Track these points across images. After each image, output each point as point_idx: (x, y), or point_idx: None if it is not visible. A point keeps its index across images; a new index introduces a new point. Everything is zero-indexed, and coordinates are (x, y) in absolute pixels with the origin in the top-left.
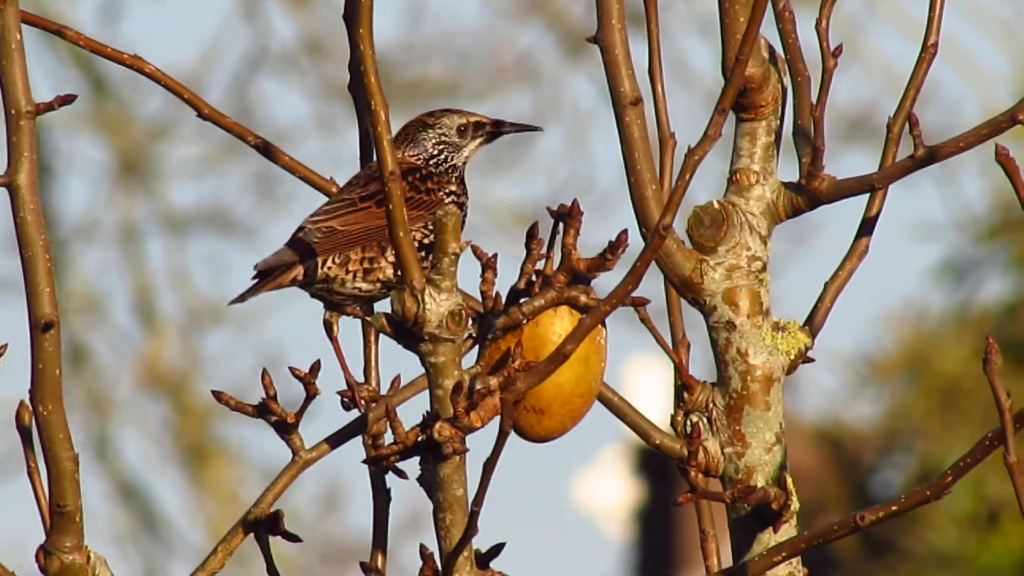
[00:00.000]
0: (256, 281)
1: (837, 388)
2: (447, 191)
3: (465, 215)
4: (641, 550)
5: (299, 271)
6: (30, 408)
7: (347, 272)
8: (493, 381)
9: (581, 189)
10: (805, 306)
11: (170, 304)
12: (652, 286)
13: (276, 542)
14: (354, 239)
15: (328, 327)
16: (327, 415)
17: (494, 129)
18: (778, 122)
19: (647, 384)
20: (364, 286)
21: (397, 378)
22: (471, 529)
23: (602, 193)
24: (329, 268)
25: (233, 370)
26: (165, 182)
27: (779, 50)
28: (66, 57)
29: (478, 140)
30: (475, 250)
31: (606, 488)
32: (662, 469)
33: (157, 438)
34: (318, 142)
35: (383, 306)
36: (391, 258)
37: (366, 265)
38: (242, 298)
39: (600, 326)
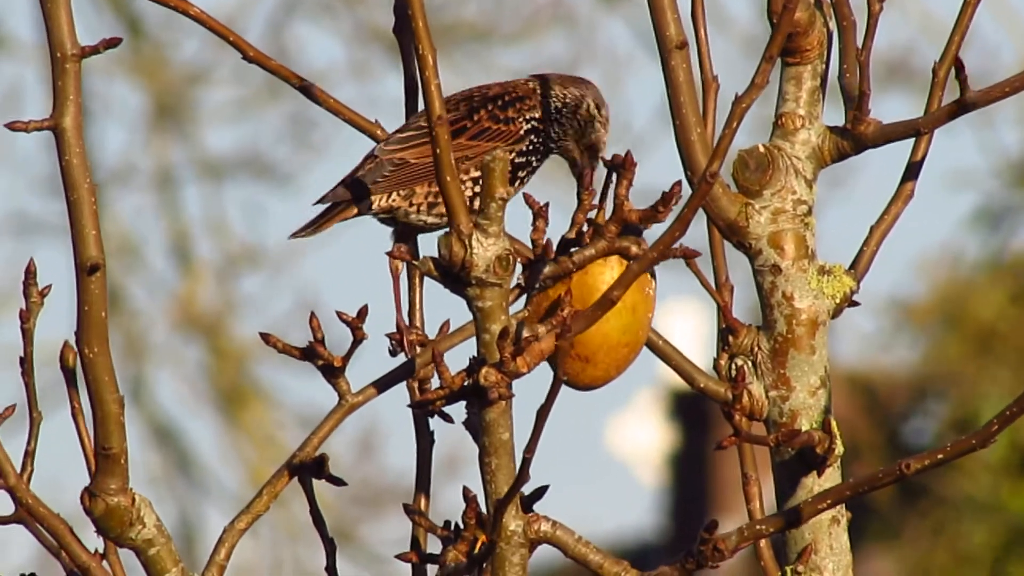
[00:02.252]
0: (321, 212)
1: (872, 334)
2: (528, 117)
3: (545, 146)
4: (675, 495)
5: (364, 204)
6: (73, 349)
7: (411, 205)
8: (541, 328)
9: (616, 133)
10: (842, 250)
11: (206, 248)
12: (696, 230)
13: (316, 485)
14: (423, 172)
15: (392, 268)
16: (365, 357)
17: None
18: (823, 66)
19: (682, 328)
20: (429, 219)
21: (446, 323)
22: (523, 475)
23: (637, 137)
24: (394, 200)
25: (269, 313)
26: (201, 126)
27: None
28: (102, 0)
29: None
30: (527, 198)
31: (640, 433)
32: (696, 414)
33: (192, 381)
34: (354, 87)
35: (430, 249)
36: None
37: (431, 199)
38: (305, 231)
39: (649, 277)
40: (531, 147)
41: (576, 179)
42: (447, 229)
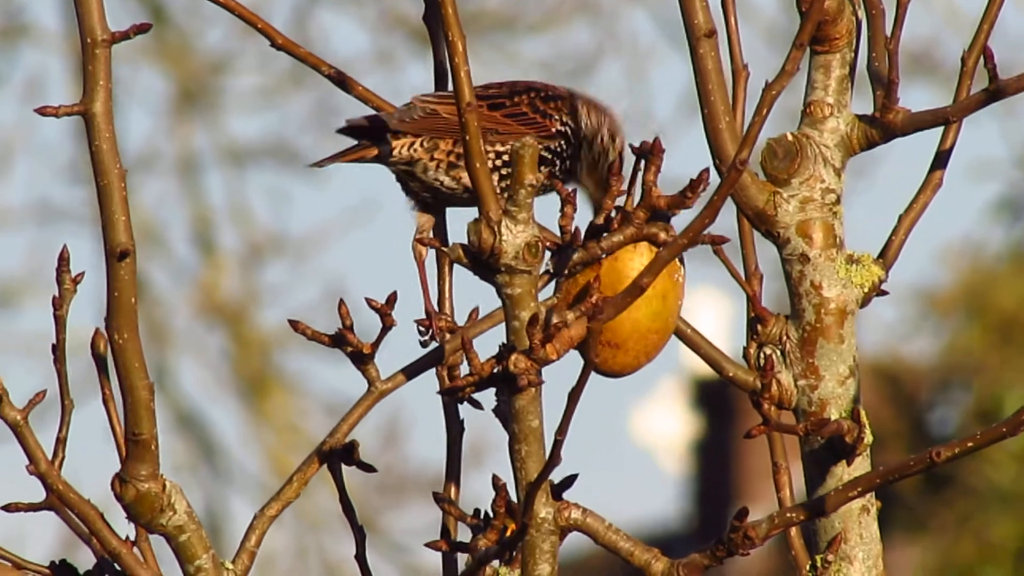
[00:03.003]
0: (343, 149)
1: (895, 324)
2: (563, 120)
3: (564, 160)
4: (698, 483)
5: (387, 145)
6: (104, 336)
7: (432, 159)
8: (570, 315)
9: (640, 122)
10: (866, 239)
11: (230, 236)
12: (725, 219)
13: (345, 471)
14: (451, 128)
15: (417, 255)
16: (393, 344)
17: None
18: (852, 55)
19: (708, 318)
20: (445, 180)
21: (475, 310)
22: (554, 459)
23: (661, 126)
24: (415, 149)
25: (292, 301)
26: (226, 113)
27: None
28: None
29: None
30: (555, 185)
31: (664, 421)
32: (720, 402)
33: (216, 369)
34: (379, 75)
35: (459, 236)
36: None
37: (452, 159)
38: (325, 162)
39: (679, 264)
40: (559, 149)
41: (593, 212)
42: (476, 215)
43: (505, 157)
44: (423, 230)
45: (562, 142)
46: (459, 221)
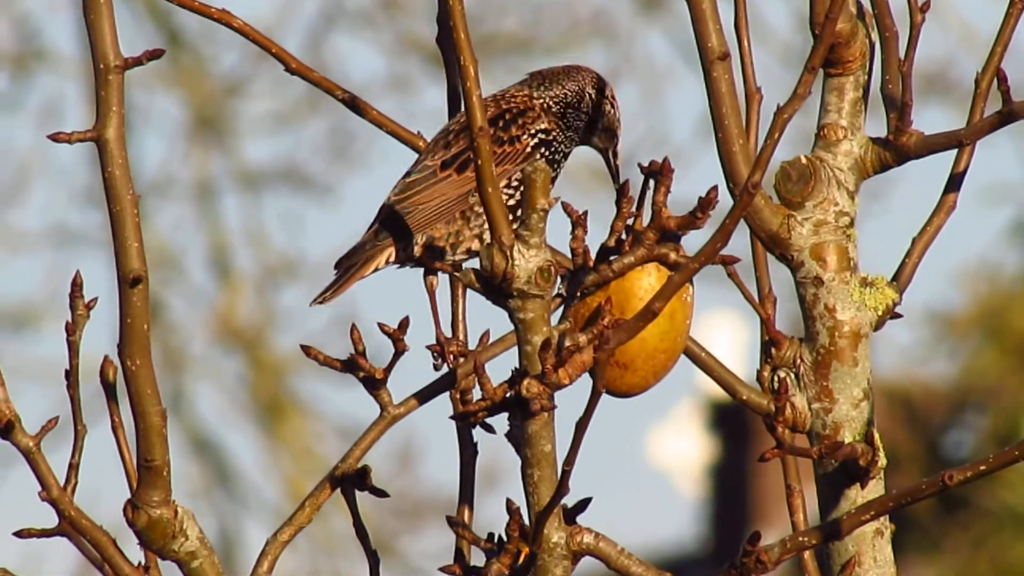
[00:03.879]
0: (339, 274)
1: (910, 346)
2: (532, 132)
3: (560, 152)
4: (715, 506)
5: (383, 258)
6: (113, 363)
7: (446, 240)
8: (582, 338)
9: (656, 144)
10: (878, 262)
11: (245, 260)
12: (738, 241)
13: (358, 496)
14: (436, 214)
15: (427, 284)
16: (405, 369)
17: (605, 149)
18: (866, 77)
19: (722, 341)
20: (458, 257)
21: (486, 334)
22: (563, 487)
23: (677, 149)
24: (417, 250)
25: (307, 326)
26: (241, 138)
27: (866, 5)
28: (141, 12)
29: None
30: (565, 207)
31: (680, 444)
32: (736, 425)
33: (232, 393)
34: (395, 99)
35: (472, 262)
36: (476, 229)
37: (452, 241)
38: (323, 298)
39: (687, 284)
40: (545, 155)
41: (609, 170)
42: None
43: (505, 199)
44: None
45: (542, 150)
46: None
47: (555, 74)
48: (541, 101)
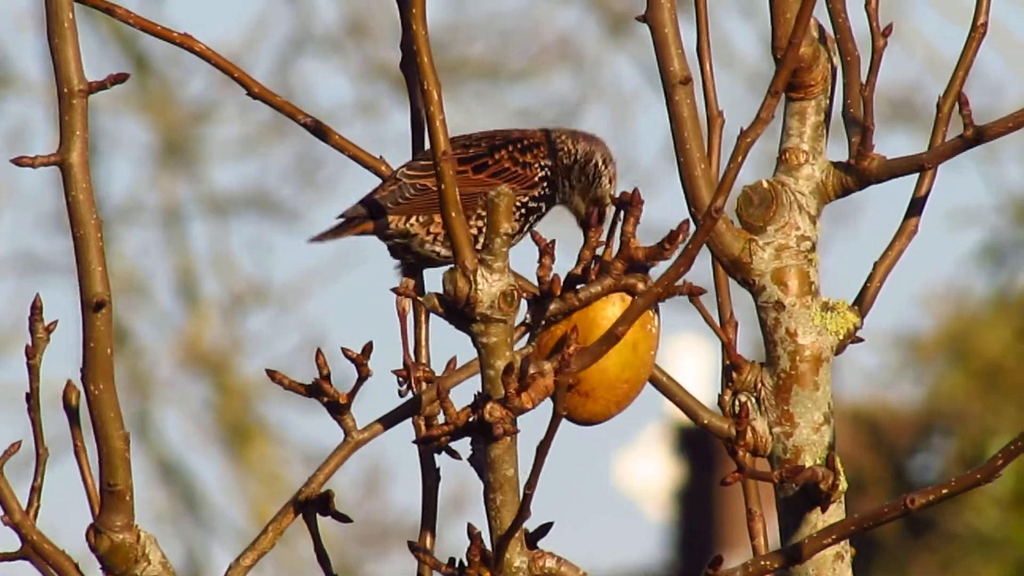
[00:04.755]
0: (339, 223)
1: (877, 370)
2: (543, 164)
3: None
4: (681, 530)
5: (383, 222)
6: (76, 388)
7: (428, 233)
8: (547, 365)
9: (624, 169)
10: (846, 286)
11: (212, 286)
12: (700, 266)
13: (321, 522)
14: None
15: (399, 308)
16: (371, 394)
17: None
18: (827, 101)
19: (688, 365)
20: (441, 251)
21: (453, 360)
22: (524, 512)
23: (644, 174)
24: (411, 225)
25: (274, 351)
26: (208, 164)
27: (828, 29)
28: (108, 36)
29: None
30: (533, 235)
31: (647, 468)
32: (703, 449)
33: (198, 418)
34: (362, 124)
35: (435, 286)
36: (473, 230)
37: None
38: (322, 238)
39: (653, 314)
40: (543, 194)
41: (583, 230)
42: (451, 265)
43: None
44: (405, 285)
45: (544, 186)
46: (435, 271)
47: (575, 133)
48: (561, 145)
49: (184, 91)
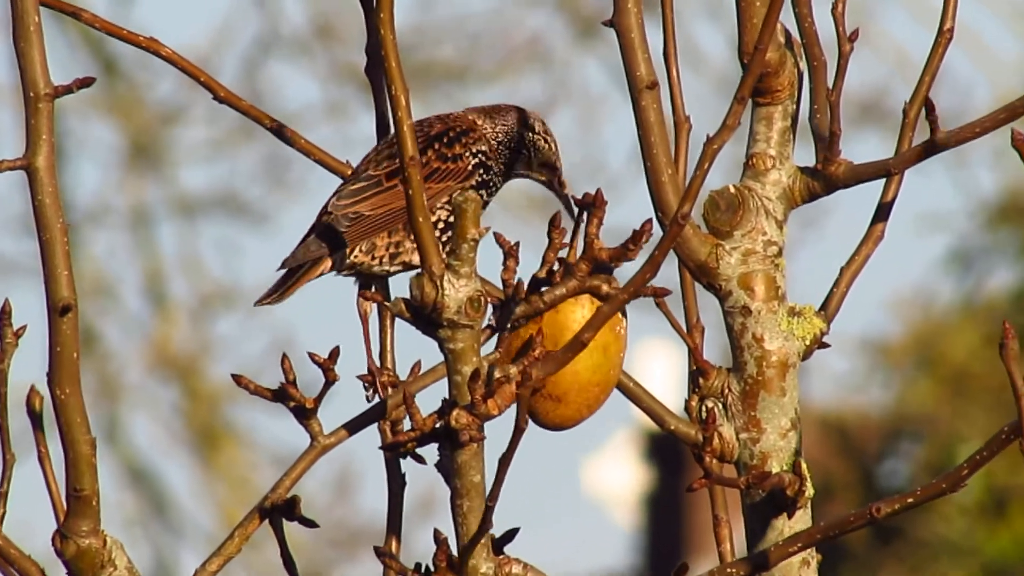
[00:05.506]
0: (283, 276)
1: (846, 375)
2: (475, 151)
3: (493, 182)
4: (650, 536)
5: (327, 264)
6: (40, 393)
7: (373, 258)
8: (512, 369)
9: (591, 173)
10: (814, 290)
11: (181, 288)
12: (667, 270)
13: (288, 526)
14: (381, 223)
15: (361, 311)
16: (340, 399)
17: (548, 182)
18: (794, 107)
19: (657, 370)
20: (391, 268)
21: (417, 364)
22: (486, 522)
23: (612, 177)
24: (356, 256)
25: (243, 354)
26: (176, 166)
27: (795, 34)
28: (76, 40)
29: (531, 176)
30: (497, 238)
31: (615, 473)
32: (672, 455)
33: (167, 422)
34: (329, 126)
35: (402, 290)
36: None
37: (392, 251)
38: (271, 299)
39: (621, 316)
40: (480, 181)
41: (560, 201)
42: (419, 270)
43: (441, 224)
44: (367, 286)
45: (480, 172)
46: (401, 276)
47: (487, 112)
48: (483, 128)
49: (152, 94)
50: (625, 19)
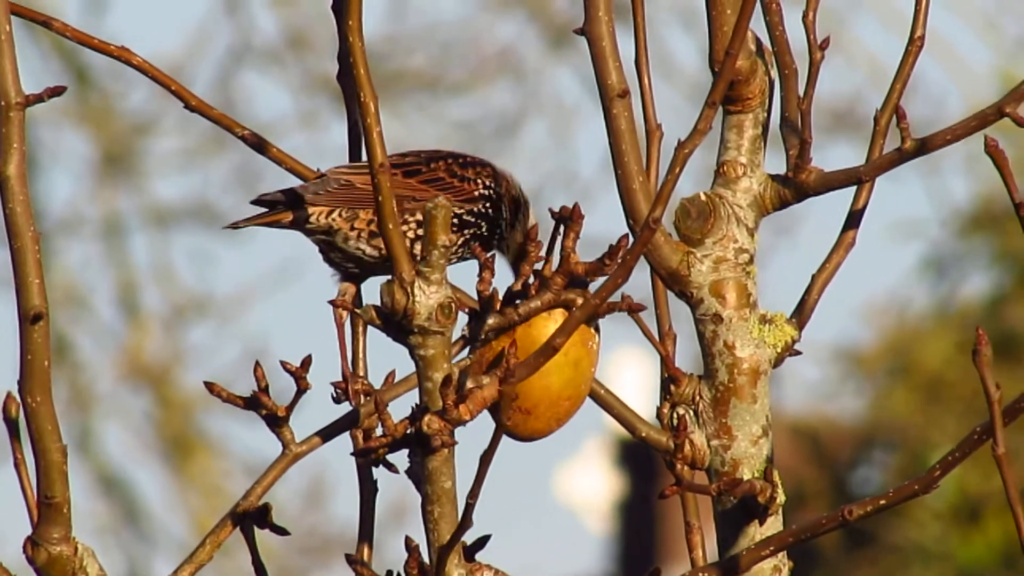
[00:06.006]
0: (258, 213)
1: (818, 382)
2: (486, 184)
3: (489, 221)
4: (622, 543)
5: (303, 212)
6: (16, 400)
7: (352, 228)
8: (486, 379)
9: (563, 182)
10: (786, 298)
11: (153, 298)
12: (639, 278)
13: (260, 534)
14: (368, 200)
15: (337, 318)
16: (312, 407)
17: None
18: (765, 114)
19: (629, 378)
20: (367, 249)
21: (392, 373)
22: (465, 522)
23: (584, 186)
24: (334, 219)
25: (216, 363)
26: (149, 176)
27: (766, 42)
28: (48, 49)
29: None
30: (473, 250)
31: (588, 481)
32: (644, 462)
33: (139, 431)
34: (302, 135)
35: (372, 297)
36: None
37: (372, 228)
38: (238, 224)
39: (593, 332)
40: (483, 211)
41: (513, 268)
42: (389, 277)
43: (420, 217)
44: (345, 294)
45: (487, 204)
46: (373, 283)
47: (512, 184)
48: (502, 176)
49: (124, 103)
50: (596, 27)
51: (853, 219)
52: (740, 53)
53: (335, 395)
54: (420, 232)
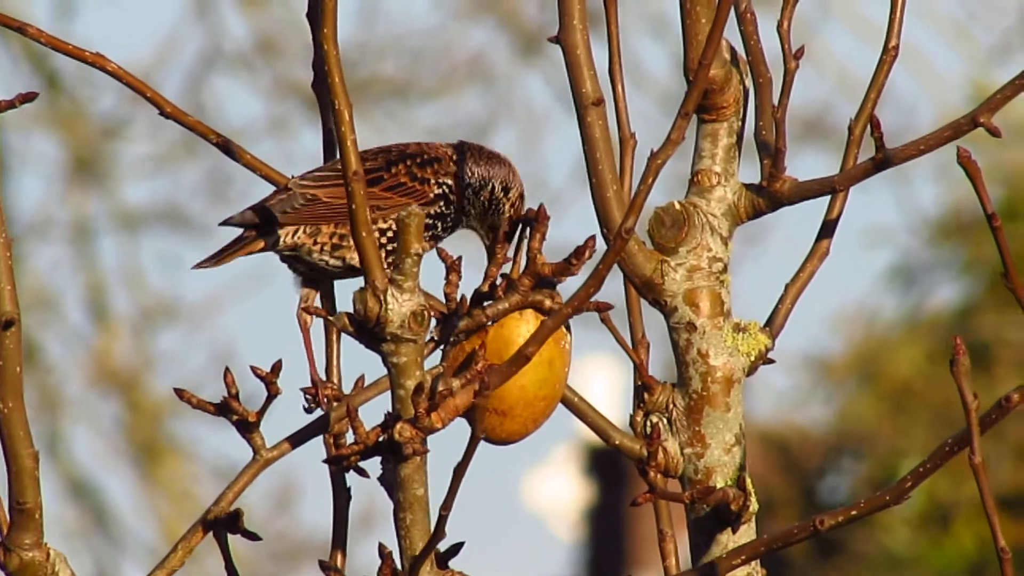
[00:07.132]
0: (226, 245)
1: (787, 391)
2: (440, 181)
3: (449, 217)
4: (591, 550)
5: (271, 237)
6: None
7: (315, 243)
8: (456, 382)
9: (534, 189)
10: (758, 306)
11: (123, 302)
12: (612, 286)
13: (232, 539)
14: (333, 213)
15: (301, 322)
16: (282, 412)
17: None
18: (740, 123)
19: (601, 385)
20: (331, 261)
21: (361, 378)
22: (439, 532)
23: (555, 193)
24: (298, 237)
25: (185, 368)
26: (118, 180)
27: (740, 52)
28: (18, 54)
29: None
30: (440, 252)
31: (556, 488)
32: (612, 469)
33: (108, 436)
34: (272, 141)
35: (346, 305)
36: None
37: (335, 241)
38: (208, 263)
39: (565, 330)
40: (440, 212)
41: (487, 255)
42: (362, 284)
43: (390, 233)
44: (307, 299)
45: (441, 204)
46: (346, 289)
47: (477, 154)
48: (450, 165)
49: (95, 108)
50: (571, 36)
51: (827, 228)
52: (714, 62)
53: (306, 403)
54: (384, 240)
